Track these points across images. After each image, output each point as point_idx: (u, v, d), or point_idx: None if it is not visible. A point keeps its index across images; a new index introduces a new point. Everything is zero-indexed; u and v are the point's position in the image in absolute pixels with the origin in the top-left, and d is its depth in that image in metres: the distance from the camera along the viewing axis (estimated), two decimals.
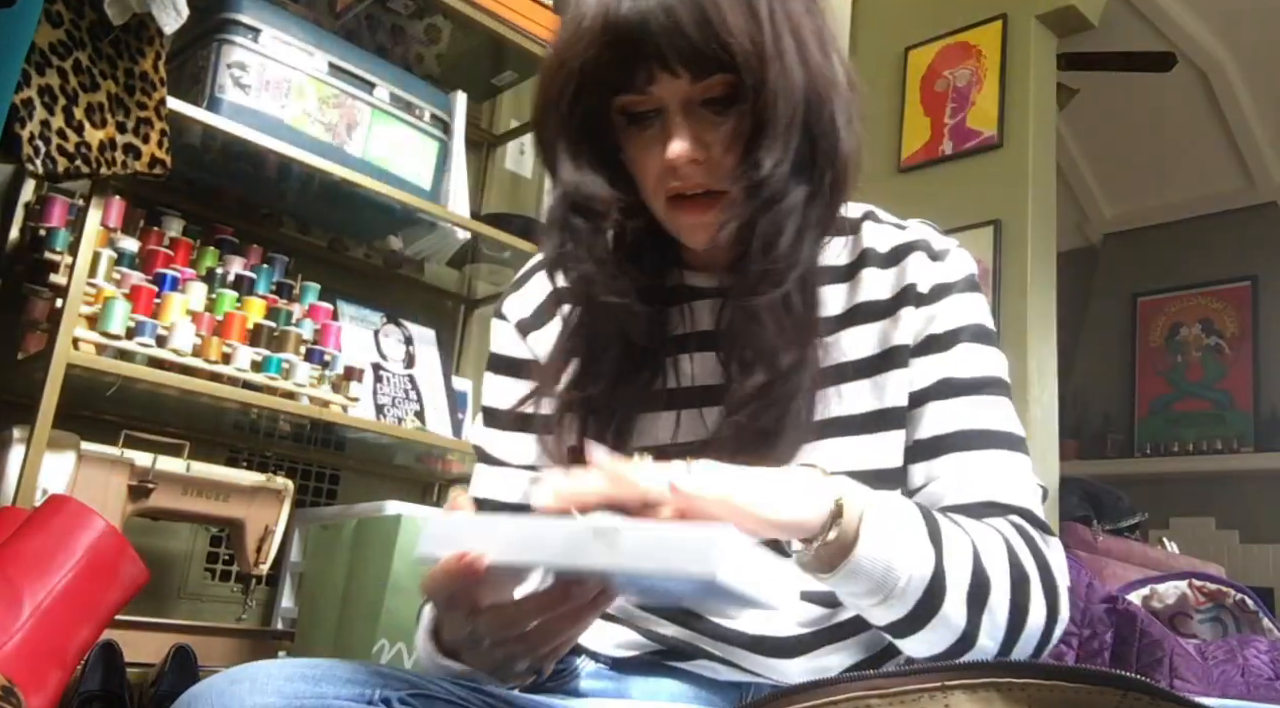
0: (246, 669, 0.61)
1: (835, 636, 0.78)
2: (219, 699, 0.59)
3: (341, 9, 1.82)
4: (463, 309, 2.13)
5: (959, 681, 0.52)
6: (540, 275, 0.88)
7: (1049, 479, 2.99)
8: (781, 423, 0.74)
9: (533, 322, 0.87)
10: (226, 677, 0.61)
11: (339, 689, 0.61)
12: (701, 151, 0.72)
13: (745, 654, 0.77)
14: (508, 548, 0.55)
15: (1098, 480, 3.54)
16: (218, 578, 1.78)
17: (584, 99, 0.73)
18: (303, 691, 0.60)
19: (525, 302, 0.88)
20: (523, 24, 1.89)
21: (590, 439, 0.76)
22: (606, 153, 0.76)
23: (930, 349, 0.79)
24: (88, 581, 1.08)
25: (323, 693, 0.60)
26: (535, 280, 0.89)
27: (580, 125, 0.74)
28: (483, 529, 0.57)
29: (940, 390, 0.78)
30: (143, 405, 1.57)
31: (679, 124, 0.72)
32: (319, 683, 0.61)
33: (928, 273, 0.81)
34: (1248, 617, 1.41)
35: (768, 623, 0.76)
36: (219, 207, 1.76)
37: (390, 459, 1.94)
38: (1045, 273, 3.13)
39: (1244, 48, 4.20)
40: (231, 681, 0.60)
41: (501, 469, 0.87)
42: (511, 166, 2.27)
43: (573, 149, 0.75)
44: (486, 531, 0.56)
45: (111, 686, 1.22)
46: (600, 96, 0.73)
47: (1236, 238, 4.77)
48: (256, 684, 0.60)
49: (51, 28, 1.21)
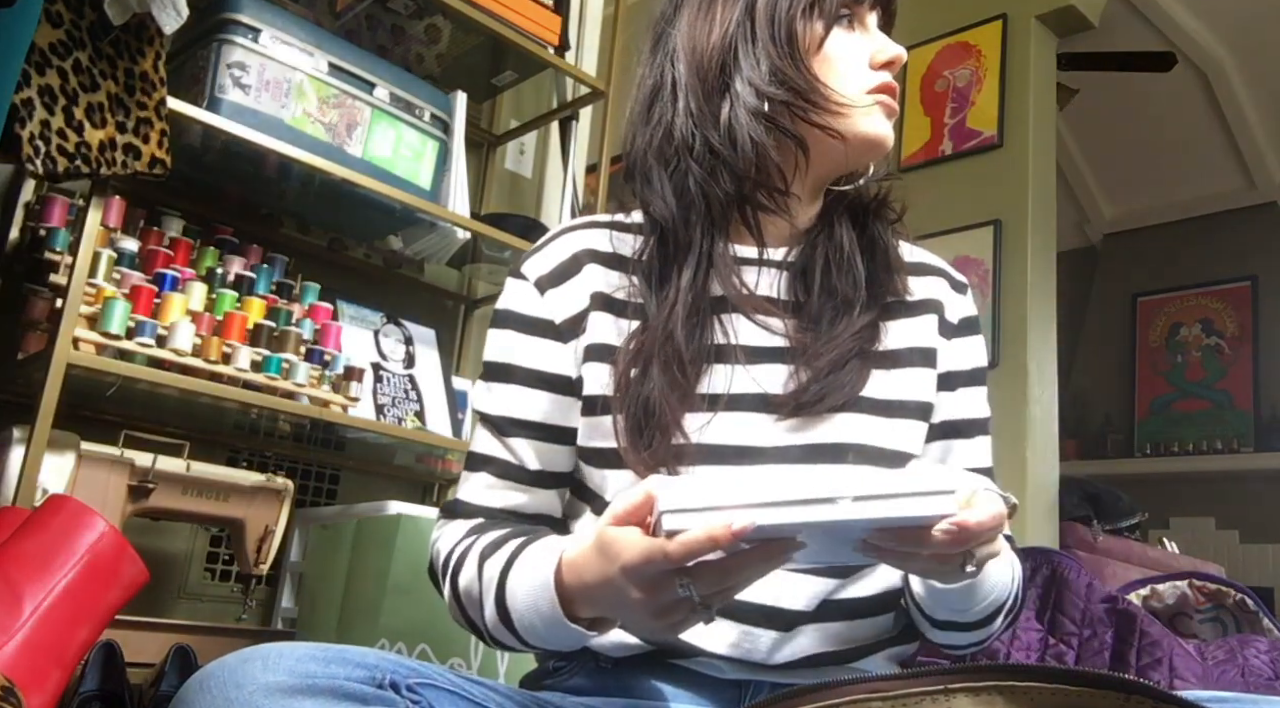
0: (259, 649, 0.62)
1: (843, 608, 0.81)
2: (230, 677, 0.61)
3: (341, 9, 1.82)
4: (463, 309, 2.13)
5: (962, 683, 0.52)
6: (564, 239, 0.88)
7: (1049, 479, 2.99)
8: (841, 384, 0.81)
9: (551, 280, 0.86)
10: (238, 656, 0.62)
11: (350, 672, 0.62)
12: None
13: (755, 633, 0.78)
14: (764, 511, 0.56)
15: (1098, 480, 3.54)
16: (218, 578, 1.78)
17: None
18: (314, 670, 0.61)
19: (545, 261, 0.87)
20: (523, 24, 1.89)
21: (666, 383, 0.78)
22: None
23: (959, 384, 0.89)
24: (88, 581, 1.08)
25: (334, 674, 0.62)
26: (558, 244, 0.88)
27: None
28: (727, 494, 0.57)
29: (967, 430, 0.90)
30: (143, 405, 1.57)
31: (879, 29, 0.85)
32: (329, 664, 0.62)
33: (956, 303, 0.91)
34: (1248, 617, 1.41)
35: (780, 596, 0.79)
36: (219, 207, 1.76)
37: (390, 459, 1.94)
38: (1045, 273, 3.13)
39: (1244, 48, 4.20)
40: (243, 659, 0.62)
41: (513, 430, 0.85)
42: (511, 166, 2.27)
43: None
44: (733, 495, 0.57)
45: (111, 686, 1.22)
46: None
47: (1236, 238, 4.77)
48: (268, 663, 0.61)
49: (51, 28, 1.21)
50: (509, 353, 0.86)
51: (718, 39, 0.82)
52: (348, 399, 1.62)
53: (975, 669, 0.52)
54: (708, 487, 0.58)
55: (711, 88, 0.82)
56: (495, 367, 0.87)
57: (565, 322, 0.85)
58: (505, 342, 0.87)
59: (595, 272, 0.86)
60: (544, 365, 0.85)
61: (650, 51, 0.89)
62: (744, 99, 0.80)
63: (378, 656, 0.65)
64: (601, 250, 0.87)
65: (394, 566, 1.43)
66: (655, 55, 0.88)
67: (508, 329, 0.87)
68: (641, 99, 0.88)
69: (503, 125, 2.24)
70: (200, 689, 0.61)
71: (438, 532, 0.86)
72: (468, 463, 0.87)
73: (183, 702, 0.62)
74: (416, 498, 1.99)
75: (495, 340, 0.88)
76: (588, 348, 0.84)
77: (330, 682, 0.61)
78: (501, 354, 0.86)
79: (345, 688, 0.61)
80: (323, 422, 1.59)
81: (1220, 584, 1.44)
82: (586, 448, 0.84)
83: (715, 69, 0.82)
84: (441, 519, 0.87)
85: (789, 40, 0.80)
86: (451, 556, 0.81)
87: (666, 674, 0.80)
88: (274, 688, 0.59)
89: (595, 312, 0.85)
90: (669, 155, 0.83)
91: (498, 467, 0.85)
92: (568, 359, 0.85)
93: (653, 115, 0.85)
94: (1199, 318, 4.83)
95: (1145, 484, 4.47)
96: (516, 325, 0.86)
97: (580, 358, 0.84)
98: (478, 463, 0.86)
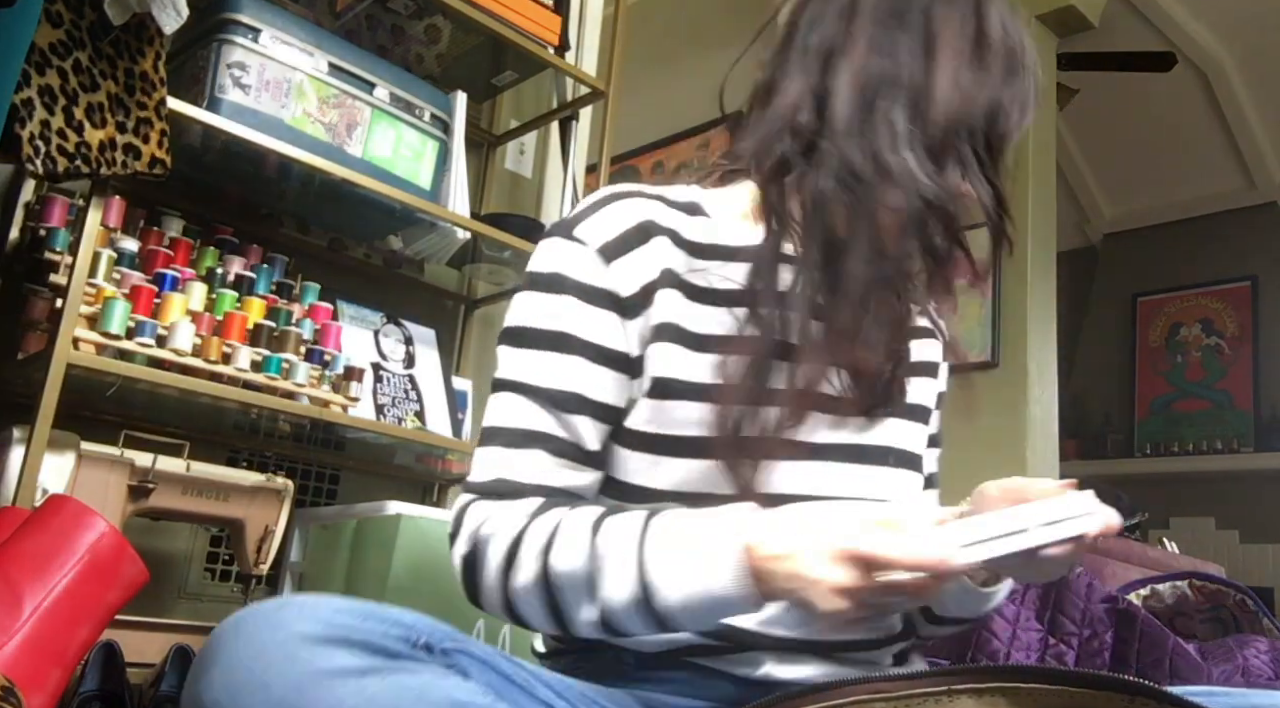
0: (293, 598, 0.63)
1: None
2: (266, 621, 0.62)
3: (341, 9, 1.82)
4: (463, 309, 2.13)
5: (965, 685, 0.52)
6: (621, 206, 0.82)
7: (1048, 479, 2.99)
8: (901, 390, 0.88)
9: (618, 248, 0.80)
10: (274, 603, 0.63)
11: (385, 628, 0.62)
12: None
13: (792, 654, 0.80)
14: (984, 546, 0.66)
15: (1098, 480, 3.54)
16: (218, 578, 1.77)
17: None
18: (349, 623, 0.61)
19: (605, 227, 0.81)
20: (523, 24, 1.89)
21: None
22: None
23: (941, 404, 0.98)
24: (88, 581, 1.08)
25: (369, 629, 0.62)
26: (615, 210, 0.82)
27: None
28: (983, 528, 0.67)
29: (936, 441, 0.99)
30: (143, 405, 1.57)
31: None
32: (365, 619, 0.62)
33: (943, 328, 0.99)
34: (1248, 617, 1.40)
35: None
36: (219, 207, 1.76)
37: (390, 459, 1.94)
38: (1045, 273, 3.13)
39: (1244, 48, 4.20)
40: (279, 606, 0.63)
41: (574, 406, 0.79)
42: (511, 166, 2.27)
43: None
44: (988, 528, 0.67)
45: (111, 686, 1.22)
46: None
47: (1236, 238, 4.77)
48: (304, 612, 0.61)
49: (51, 28, 1.21)
50: (563, 321, 0.79)
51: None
52: (348, 399, 1.62)
53: (979, 671, 0.52)
54: (976, 521, 0.68)
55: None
56: (546, 334, 0.79)
57: (632, 295, 0.80)
58: (558, 308, 0.80)
59: (664, 246, 0.81)
60: (605, 340, 0.79)
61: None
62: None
63: (414, 616, 0.64)
64: (664, 225, 0.82)
65: (394, 566, 1.43)
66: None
67: (563, 295, 0.80)
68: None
69: (503, 125, 2.23)
70: (235, 632, 0.62)
71: (480, 515, 0.77)
72: (505, 439, 0.79)
73: (217, 641, 0.62)
74: (416, 498, 1.99)
75: (544, 305, 0.80)
76: (657, 327, 0.80)
77: (365, 636, 0.61)
78: (554, 322, 0.79)
79: (379, 644, 0.61)
80: (323, 422, 1.59)
81: (1220, 584, 1.44)
82: (642, 432, 0.80)
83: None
84: (479, 500, 0.79)
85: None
86: (525, 538, 0.74)
87: (688, 674, 0.80)
88: (309, 636, 0.60)
89: (664, 289, 0.80)
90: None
91: (553, 444, 0.79)
92: (630, 336, 0.80)
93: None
94: (1199, 318, 4.83)
95: (1145, 484, 4.47)
96: (575, 292, 0.79)
97: (647, 336, 0.80)
98: (524, 439, 0.79)
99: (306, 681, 0.58)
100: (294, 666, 0.59)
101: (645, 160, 4.06)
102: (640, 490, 0.81)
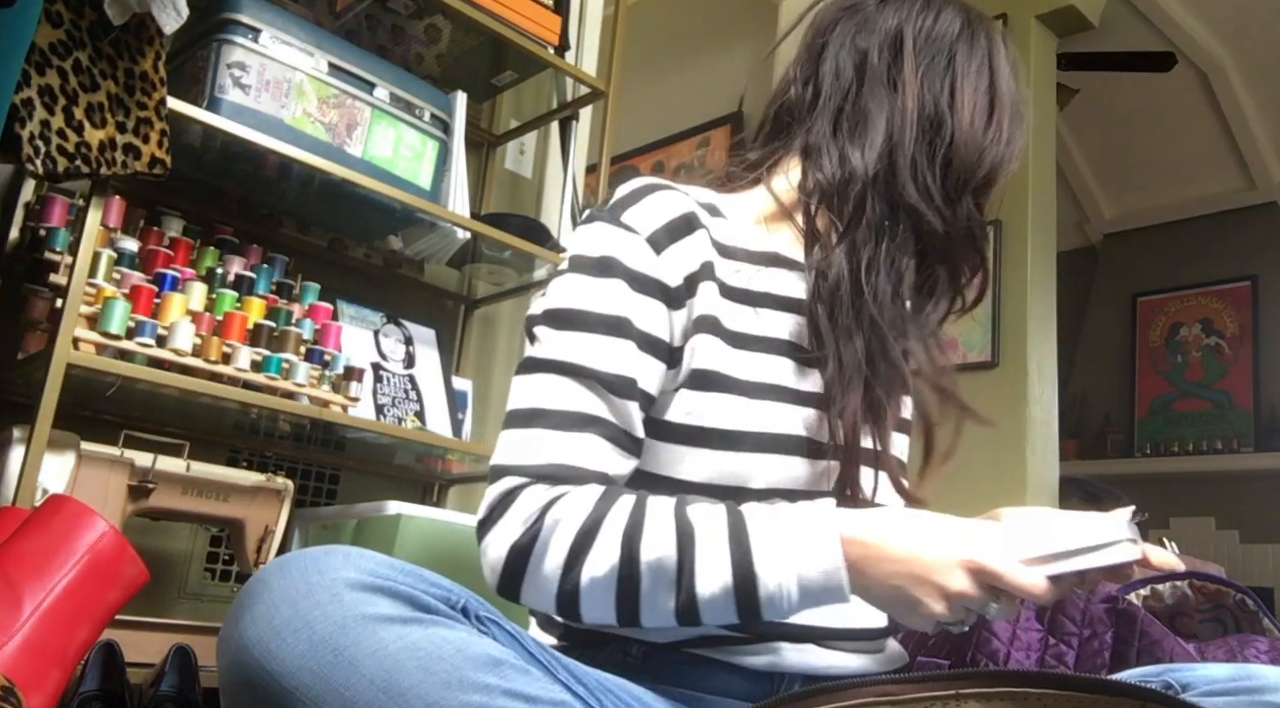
0: (337, 547, 0.65)
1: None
2: (313, 564, 0.63)
3: (341, 9, 1.81)
4: (463, 309, 2.13)
5: (973, 688, 0.52)
6: (664, 196, 0.83)
7: (1049, 479, 2.99)
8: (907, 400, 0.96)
9: (667, 237, 0.81)
10: (320, 548, 0.65)
11: (426, 586, 0.64)
12: None
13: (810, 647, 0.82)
14: (1066, 556, 0.71)
15: (1098, 480, 3.54)
16: (218, 578, 1.77)
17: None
18: (393, 575, 0.63)
19: (653, 215, 0.81)
20: (523, 24, 1.89)
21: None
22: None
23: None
24: (88, 581, 1.08)
25: (412, 584, 0.63)
26: (660, 199, 0.83)
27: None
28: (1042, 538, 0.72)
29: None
30: (143, 405, 1.57)
31: None
32: (407, 575, 0.64)
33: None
34: (1248, 617, 1.40)
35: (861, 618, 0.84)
36: (219, 207, 1.76)
37: (390, 459, 1.94)
38: (1045, 273, 3.12)
39: (1244, 48, 4.20)
40: (325, 552, 0.64)
41: (629, 392, 0.79)
42: (511, 166, 2.27)
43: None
44: (1045, 539, 0.72)
45: (111, 686, 1.22)
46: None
47: (1236, 238, 4.77)
48: (349, 560, 0.63)
49: (51, 28, 1.21)
50: (620, 306, 0.79)
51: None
52: (348, 399, 1.62)
53: (987, 676, 0.52)
54: (1024, 534, 0.72)
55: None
56: (603, 318, 0.79)
57: (679, 285, 0.81)
58: (612, 293, 0.79)
59: (703, 240, 0.83)
60: (655, 329, 0.80)
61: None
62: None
63: (451, 582, 0.66)
64: (702, 220, 0.84)
65: None
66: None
67: (615, 279, 0.79)
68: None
69: (503, 125, 2.23)
70: (279, 573, 0.63)
71: (538, 499, 0.74)
72: (555, 421, 0.77)
73: (259, 583, 0.63)
74: (416, 498, 1.99)
75: (597, 289, 0.80)
76: (698, 319, 0.81)
77: (408, 590, 0.63)
78: (610, 306, 0.79)
79: (421, 599, 0.62)
80: (323, 422, 1.59)
81: (1220, 584, 1.44)
82: (678, 424, 0.81)
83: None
84: (533, 484, 0.76)
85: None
86: (604, 526, 0.72)
87: (694, 666, 0.80)
88: (353, 582, 0.61)
89: (705, 281, 0.82)
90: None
91: (608, 429, 0.78)
92: (675, 326, 0.81)
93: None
94: (1199, 318, 4.83)
95: (1145, 484, 4.47)
96: (627, 279, 0.79)
97: (688, 328, 0.81)
98: (578, 423, 0.77)
99: (351, 622, 0.60)
100: (338, 608, 0.60)
101: (645, 160, 4.05)
102: (672, 482, 0.81)
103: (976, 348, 3.05)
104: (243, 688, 0.61)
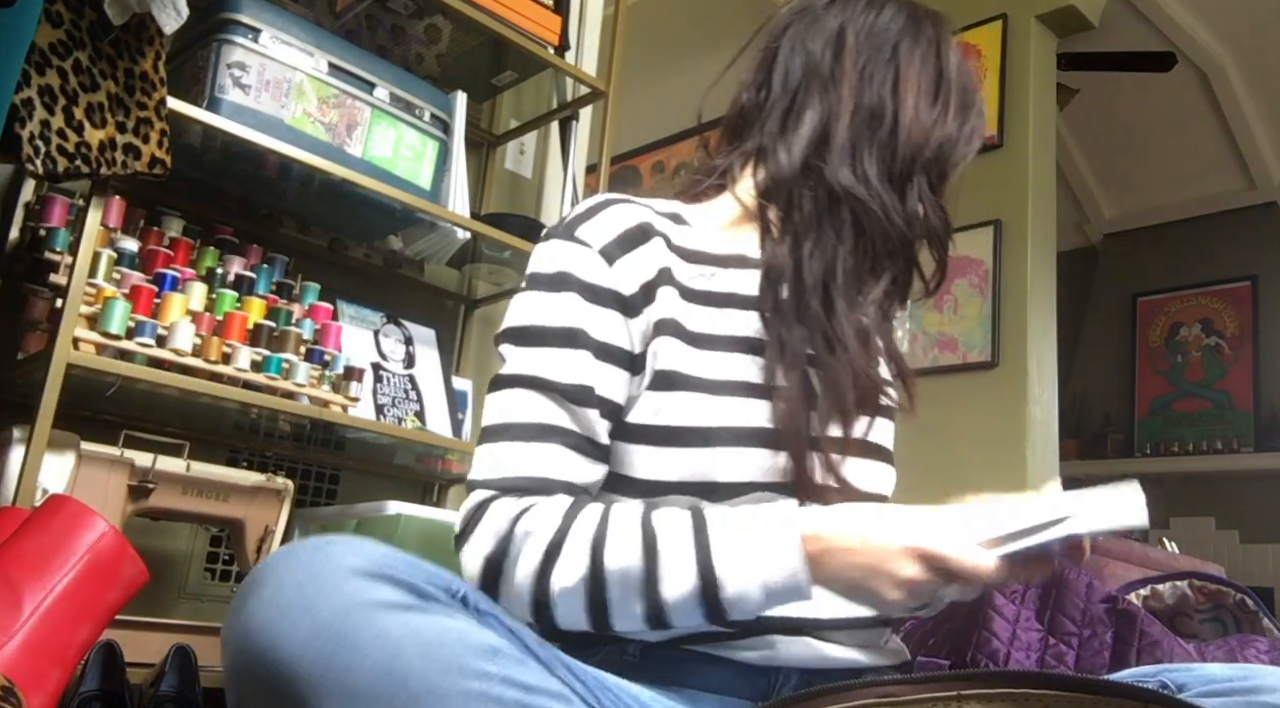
0: (340, 536, 0.66)
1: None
2: (316, 552, 0.64)
3: (341, 9, 1.82)
4: (463, 309, 2.13)
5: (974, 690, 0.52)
6: (617, 210, 0.86)
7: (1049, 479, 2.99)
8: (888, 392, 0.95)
9: (620, 248, 0.83)
10: (322, 538, 0.66)
11: (428, 576, 0.65)
12: None
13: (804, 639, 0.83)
14: (1019, 536, 0.73)
15: (1098, 481, 3.54)
16: (218, 578, 1.77)
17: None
18: (395, 564, 0.64)
19: (605, 229, 0.84)
20: (523, 24, 1.89)
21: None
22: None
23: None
24: (88, 581, 1.08)
25: (414, 573, 0.64)
26: (612, 213, 0.86)
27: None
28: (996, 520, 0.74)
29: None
30: (143, 405, 1.57)
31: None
32: (410, 565, 0.65)
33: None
34: (1248, 617, 1.40)
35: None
36: (219, 207, 1.76)
37: (390, 459, 1.94)
38: (1045, 273, 3.13)
39: (1244, 48, 4.20)
40: (328, 541, 0.65)
41: (589, 401, 0.81)
42: (511, 166, 2.27)
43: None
44: (999, 520, 0.74)
45: (111, 686, 1.22)
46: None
47: (1236, 238, 4.77)
48: (352, 549, 0.64)
49: (51, 28, 1.21)
50: (574, 319, 0.82)
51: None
52: (348, 399, 1.62)
53: (989, 676, 0.52)
54: (980, 518, 0.74)
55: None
56: (558, 332, 0.82)
57: (634, 294, 0.83)
58: (566, 307, 0.82)
59: (660, 247, 0.85)
60: (611, 339, 0.82)
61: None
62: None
63: (452, 574, 0.67)
64: (658, 229, 0.86)
65: None
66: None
67: (569, 293, 0.82)
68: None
69: (503, 125, 2.23)
70: (286, 559, 0.64)
71: (507, 511, 0.77)
72: (516, 433, 0.80)
73: (266, 568, 0.64)
74: (416, 498, 1.99)
75: (549, 304, 0.83)
76: (658, 323, 0.83)
77: (410, 578, 0.64)
78: (565, 319, 0.82)
79: (422, 588, 0.64)
80: (323, 422, 1.59)
81: (1220, 584, 1.44)
82: (647, 426, 0.83)
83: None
84: (500, 497, 0.79)
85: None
86: (569, 536, 0.75)
87: (690, 664, 0.81)
88: (357, 569, 0.62)
89: (663, 287, 0.84)
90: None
91: (569, 438, 0.81)
92: (633, 333, 0.83)
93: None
94: (1199, 318, 4.83)
95: (1145, 484, 4.41)
96: (581, 292, 0.82)
97: (648, 333, 0.83)
98: (538, 432, 0.80)
99: (353, 608, 0.61)
100: (341, 594, 0.61)
101: (645, 160, 4.06)
102: (646, 484, 0.83)
103: (976, 348, 3.05)
104: (247, 671, 0.63)
